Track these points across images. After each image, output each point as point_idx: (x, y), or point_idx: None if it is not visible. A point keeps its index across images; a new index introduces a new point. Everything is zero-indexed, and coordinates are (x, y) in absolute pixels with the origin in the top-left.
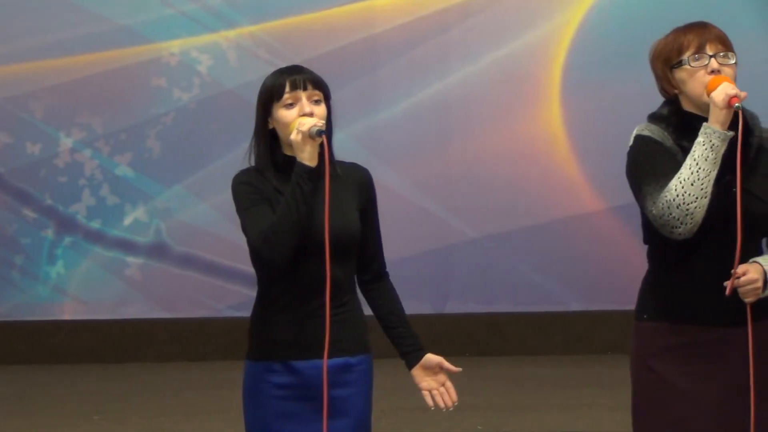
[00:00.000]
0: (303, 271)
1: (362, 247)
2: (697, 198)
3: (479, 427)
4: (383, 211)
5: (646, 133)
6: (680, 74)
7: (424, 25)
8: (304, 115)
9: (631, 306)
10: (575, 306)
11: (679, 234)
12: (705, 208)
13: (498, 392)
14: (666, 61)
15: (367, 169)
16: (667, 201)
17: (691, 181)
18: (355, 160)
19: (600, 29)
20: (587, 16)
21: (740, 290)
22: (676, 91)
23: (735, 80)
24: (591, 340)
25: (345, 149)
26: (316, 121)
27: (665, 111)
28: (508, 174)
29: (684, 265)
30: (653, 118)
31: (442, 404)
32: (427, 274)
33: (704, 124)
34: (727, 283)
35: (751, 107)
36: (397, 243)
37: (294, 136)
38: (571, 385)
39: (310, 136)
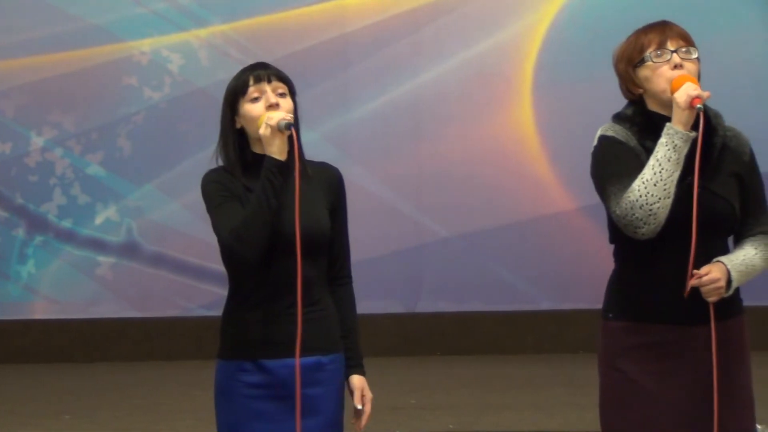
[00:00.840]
0: (273, 270)
1: (328, 247)
2: (660, 198)
3: (450, 426)
4: (355, 209)
5: (609, 133)
6: (643, 72)
7: (396, 23)
8: (271, 106)
9: (601, 305)
10: (546, 305)
11: (643, 234)
12: (668, 208)
13: (469, 391)
14: (629, 61)
15: (337, 169)
16: (630, 201)
17: (654, 181)
18: (326, 159)
19: (571, 28)
20: (558, 15)
21: (702, 290)
22: (640, 91)
23: (699, 76)
24: (562, 339)
25: (316, 148)
26: (284, 114)
27: (630, 111)
28: (479, 173)
29: (648, 265)
30: (618, 118)
31: (357, 427)
32: (399, 273)
33: (667, 124)
34: (700, 279)
35: (750, 106)
36: (368, 242)
37: (263, 131)
38: (543, 384)
39: (279, 129)
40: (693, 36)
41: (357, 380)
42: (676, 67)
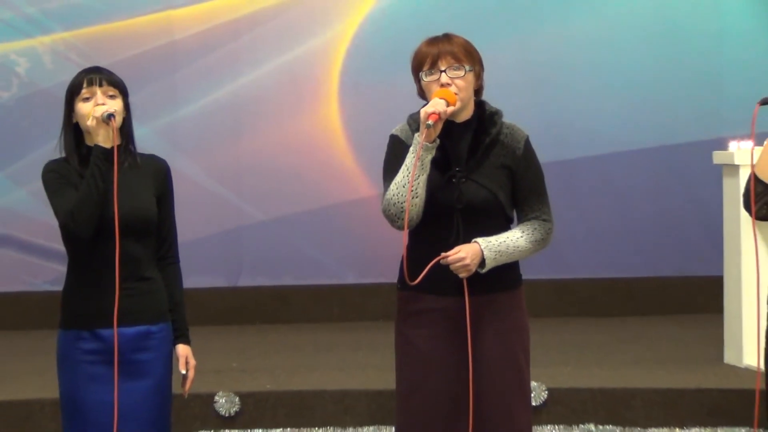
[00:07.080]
0: (103, 249)
1: (155, 230)
2: (408, 198)
3: (267, 386)
4: (183, 196)
5: (396, 132)
6: (422, 86)
7: (218, 33)
8: (98, 105)
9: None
10: (351, 279)
11: (399, 227)
12: (419, 206)
13: (284, 355)
14: (415, 71)
15: (164, 161)
16: (387, 200)
17: (403, 183)
18: (157, 151)
19: (373, 37)
20: (361, 25)
21: (451, 267)
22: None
23: (480, 87)
24: (364, 309)
25: (148, 142)
26: (108, 108)
27: (416, 113)
28: (292, 164)
29: (414, 242)
30: (410, 117)
31: (183, 391)
32: (222, 252)
33: (415, 135)
34: (446, 258)
35: (749, 107)
36: (195, 225)
37: (90, 123)
38: (347, 349)
39: (103, 120)
40: (478, 40)
41: (182, 348)
42: (443, 86)
